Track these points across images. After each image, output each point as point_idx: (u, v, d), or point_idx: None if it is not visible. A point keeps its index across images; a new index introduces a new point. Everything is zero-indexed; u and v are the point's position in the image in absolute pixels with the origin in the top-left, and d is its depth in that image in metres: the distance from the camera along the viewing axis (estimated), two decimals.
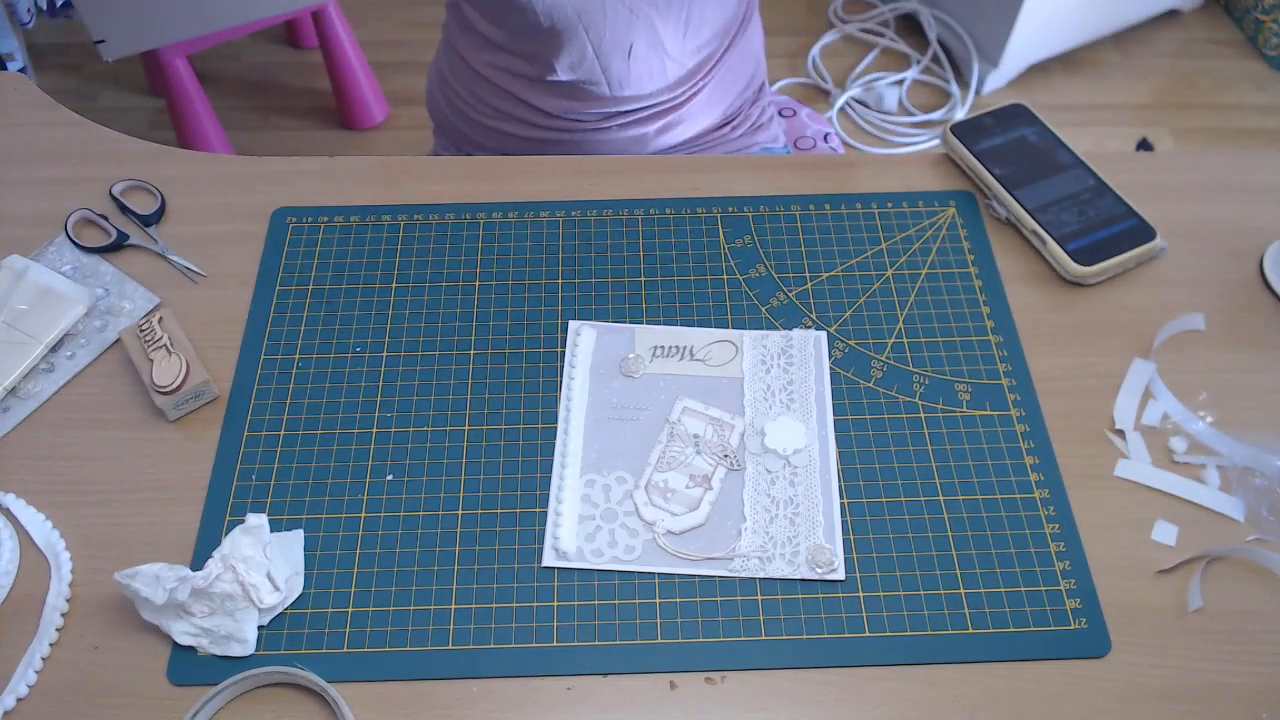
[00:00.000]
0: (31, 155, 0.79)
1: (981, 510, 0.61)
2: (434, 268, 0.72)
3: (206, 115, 1.58)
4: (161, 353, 0.64)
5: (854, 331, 0.69)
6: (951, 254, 0.73)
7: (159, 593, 0.54)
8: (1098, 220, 0.73)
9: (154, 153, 0.80)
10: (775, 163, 0.79)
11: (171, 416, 0.65)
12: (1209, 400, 0.66)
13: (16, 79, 0.85)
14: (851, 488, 0.62)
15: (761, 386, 0.66)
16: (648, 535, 0.60)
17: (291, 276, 0.72)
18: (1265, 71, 1.88)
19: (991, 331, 0.69)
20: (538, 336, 0.69)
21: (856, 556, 0.60)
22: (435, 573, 0.59)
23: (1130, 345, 0.69)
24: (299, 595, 0.58)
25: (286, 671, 0.55)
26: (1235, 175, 0.79)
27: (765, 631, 0.57)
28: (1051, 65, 1.88)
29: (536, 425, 0.65)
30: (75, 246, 0.73)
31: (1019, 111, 0.80)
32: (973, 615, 0.57)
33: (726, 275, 0.72)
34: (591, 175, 0.78)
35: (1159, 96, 1.85)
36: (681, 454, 0.63)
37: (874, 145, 1.79)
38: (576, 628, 0.57)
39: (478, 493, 0.62)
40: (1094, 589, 0.58)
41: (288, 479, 0.63)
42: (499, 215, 0.75)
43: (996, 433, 0.64)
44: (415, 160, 0.80)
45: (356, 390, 0.66)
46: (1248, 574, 0.59)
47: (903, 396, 0.66)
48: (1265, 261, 0.73)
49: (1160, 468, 0.63)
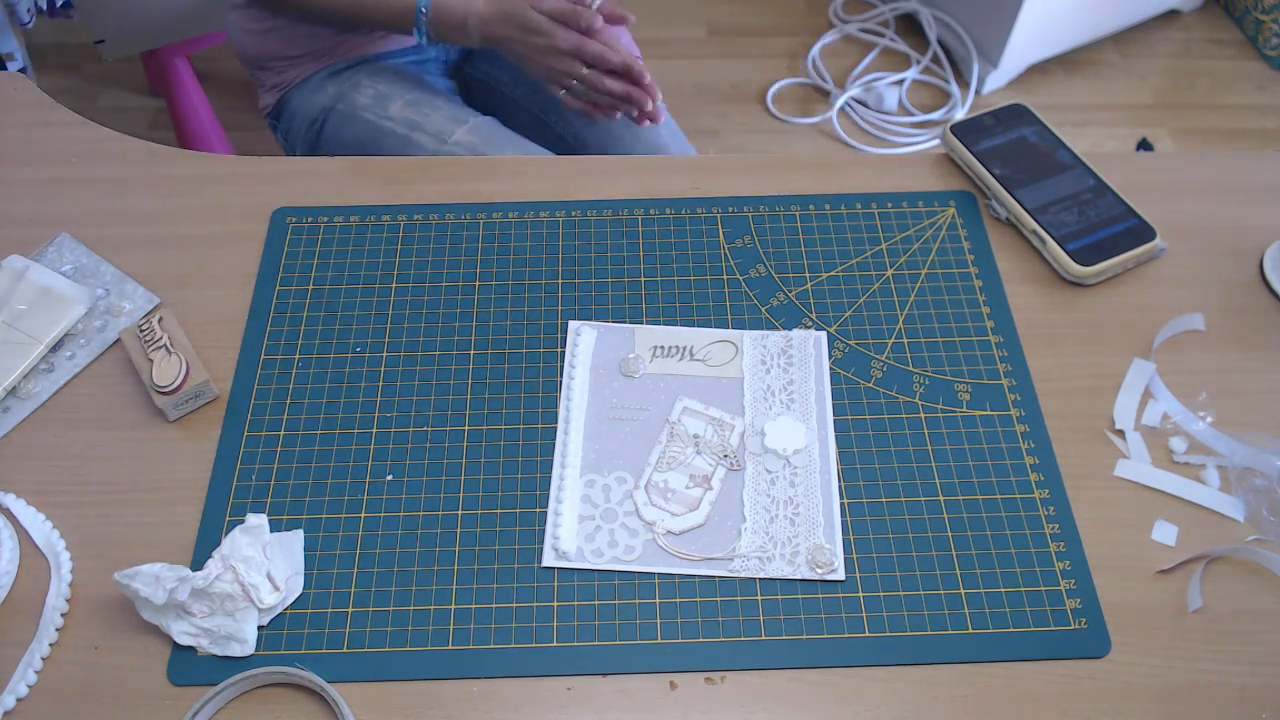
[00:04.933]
0: (31, 155, 0.79)
1: (981, 510, 0.61)
2: (434, 268, 0.72)
3: (206, 115, 1.58)
4: (161, 353, 0.64)
5: (854, 331, 0.69)
6: (951, 254, 0.73)
7: (159, 593, 0.54)
8: (1098, 220, 0.73)
9: (154, 153, 0.80)
10: (775, 163, 0.79)
11: (171, 416, 0.65)
12: (1209, 400, 0.66)
13: (16, 79, 0.85)
14: (851, 488, 0.62)
15: (761, 386, 0.66)
16: (648, 535, 0.60)
17: (291, 276, 0.72)
18: (1265, 71, 1.88)
19: (991, 331, 0.69)
20: (538, 336, 0.69)
21: (856, 556, 0.60)
22: (435, 573, 0.59)
23: (1130, 345, 0.69)
24: (299, 595, 0.58)
25: (286, 671, 0.55)
26: (1235, 175, 0.79)
27: (765, 631, 0.57)
28: (1051, 65, 1.88)
29: (536, 425, 0.65)
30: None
31: (1019, 111, 0.80)
32: (973, 615, 0.57)
33: (726, 275, 0.72)
34: (591, 175, 0.78)
35: (1159, 96, 1.85)
36: (681, 454, 0.63)
37: (874, 145, 1.79)
38: (576, 628, 0.57)
39: (478, 493, 0.62)
40: (1094, 589, 0.58)
41: (288, 479, 0.63)
42: (499, 215, 0.75)
43: (996, 433, 0.64)
44: (415, 160, 0.80)
45: (356, 390, 0.66)
46: (1248, 574, 0.59)
47: (903, 396, 0.66)
48: (1265, 261, 0.73)
49: (1160, 468, 0.63)
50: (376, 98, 0.97)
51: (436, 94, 0.99)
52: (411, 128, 0.95)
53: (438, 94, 0.99)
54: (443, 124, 0.94)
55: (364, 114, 0.97)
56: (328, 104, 0.99)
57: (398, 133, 0.95)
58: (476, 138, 0.93)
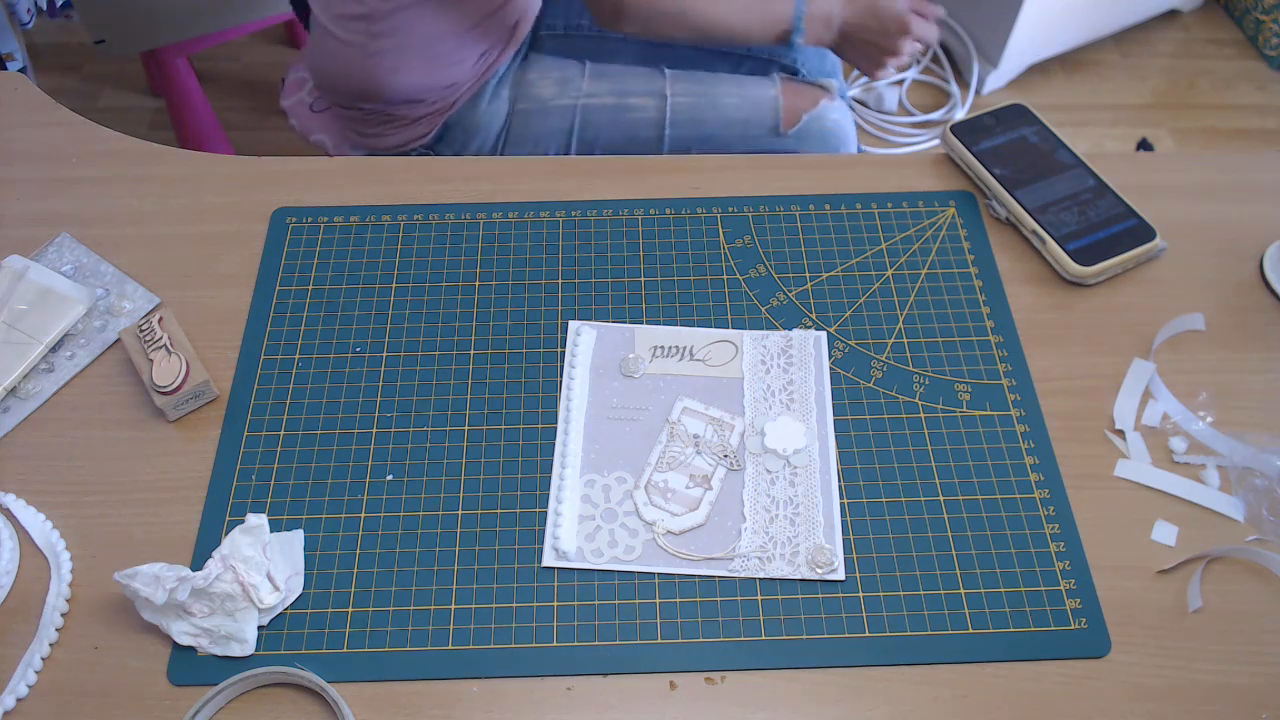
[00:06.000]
0: (31, 155, 0.79)
1: (981, 510, 0.61)
2: (434, 268, 0.72)
3: (206, 115, 1.58)
4: (161, 353, 0.64)
5: (854, 331, 0.69)
6: (951, 254, 0.73)
7: (159, 593, 0.54)
8: (1098, 220, 0.73)
9: (154, 153, 0.80)
10: (775, 163, 0.79)
11: (171, 416, 0.65)
12: (1209, 400, 0.66)
13: (16, 79, 0.85)
14: (851, 488, 0.62)
15: (761, 386, 0.66)
16: (648, 535, 0.60)
17: (291, 276, 0.72)
18: (1265, 71, 1.88)
19: (991, 331, 0.69)
20: (538, 336, 0.69)
21: (856, 556, 0.60)
22: (435, 573, 0.59)
23: (1130, 345, 0.69)
24: (299, 595, 0.58)
25: (286, 671, 0.55)
26: (1235, 175, 0.79)
27: (765, 631, 0.57)
28: (1051, 65, 1.88)
29: (536, 425, 0.65)
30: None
31: (1019, 111, 0.80)
32: (973, 615, 0.57)
33: (726, 275, 0.72)
34: (591, 175, 0.78)
35: (1159, 96, 1.85)
36: (681, 454, 0.63)
37: (874, 145, 1.79)
38: (576, 628, 0.57)
39: (478, 493, 0.62)
40: (1094, 589, 0.58)
41: (288, 479, 0.63)
42: (499, 215, 0.75)
43: (996, 433, 0.64)
44: (415, 160, 0.80)
45: (356, 390, 0.66)
46: (1248, 574, 0.59)
47: (903, 396, 0.66)
48: (1265, 261, 0.73)
49: (1160, 468, 0.63)
50: (560, 83, 0.99)
51: (601, 64, 1.02)
52: (620, 95, 0.98)
53: (601, 57, 1.02)
54: (646, 81, 0.98)
55: (558, 102, 0.99)
56: (505, 109, 1.00)
57: (607, 104, 0.98)
58: (687, 84, 0.98)
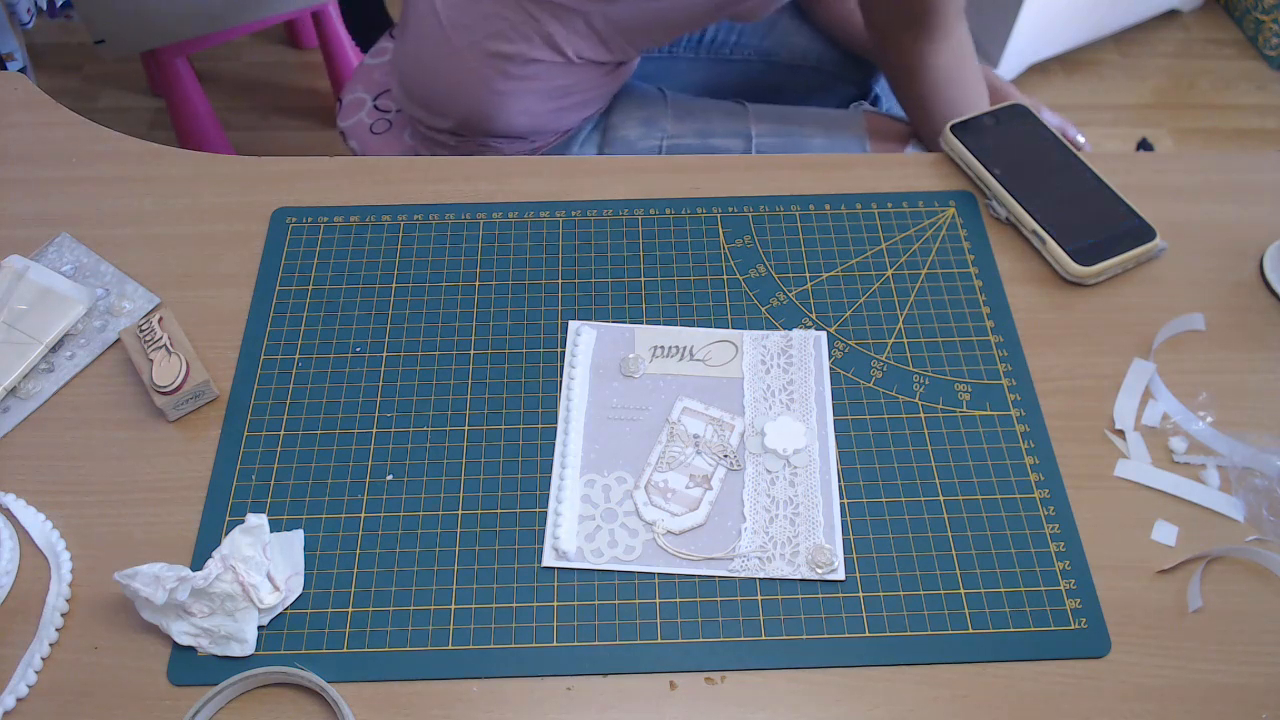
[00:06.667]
0: (31, 155, 0.79)
1: (981, 510, 0.61)
2: (434, 268, 0.72)
3: (206, 115, 1.59)
4: (161, 353, 0.64)
5: (854, 331, 0.69)
6: (951, 254, 0.73)
7: (159, 593, 0.54)
8: (1098, 220, 0.73)
9: (154, 153, 0.80)
10: (775, 163, 0.79)
11: (171, 416, 0.65)
12: (1209, 400, 0.66)
13: (16, 79, 0.85)
14: (851, 488, 0.62)
15: (761, 386, 0.66)
16: (648, 535, 0.60)
17: (291, 276, 0.72)
18: (1265, 71, 1.88)
19: (991, 331, 0.69)
20: (538, 336, 0.69)
21: (856, 556, 0.60)
22: (435, 573, 0.59)
23: (1130, 345, 0.69)
24: (299, 595, 0.58)
25: (286, 671, 0.55)
26: (1235, 175, 0.79)
27: (765, 631, 0.57)
28: (1051, 65, 1.88)
29: (536, 425, 0.65)
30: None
31: (1019, 111, 0.80)
32: (972, 615, 0.57)
33: (726, 275, 0.72)
34: (591, 175, 0.78)
35: (1159, 96, 1.85)
36: (681, 454, 0.63)
37: None
38: (576, 628, 0.57)
39: (478, 493, 0.62)
40: (1094, 589, 0.58)
41: (288, 479, 0.63)
42: (499, 215, 0.75)
43: (996, 433, 0.64)
44: (415, 160, 0.80)
45: (356, 390, 0.66)
46: (1248, 574, 0.59)
47: (903, 396, 0.66)
48: (1265, 261, 0.73)
49: (1160, 468, 0.63)
50: (644, 123, 0.97)
51: (681, 95, 1.00)
52: (704, 135, 0.96)
53: (681, 95, 1.00)
54: (729, 120, 0.96)
55: (644, 144, 0.97)
56: (594, 151, 0.99)
57: (692, 146, 0.96)
58: (771, 122, 0.96)
